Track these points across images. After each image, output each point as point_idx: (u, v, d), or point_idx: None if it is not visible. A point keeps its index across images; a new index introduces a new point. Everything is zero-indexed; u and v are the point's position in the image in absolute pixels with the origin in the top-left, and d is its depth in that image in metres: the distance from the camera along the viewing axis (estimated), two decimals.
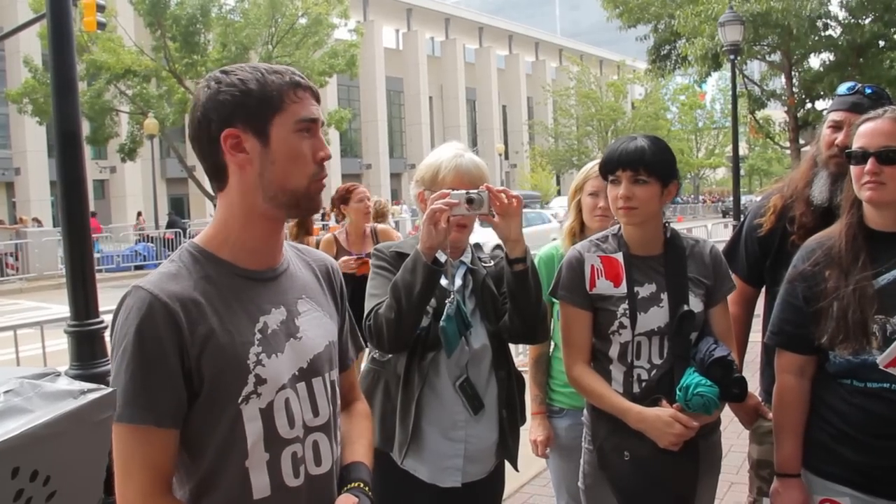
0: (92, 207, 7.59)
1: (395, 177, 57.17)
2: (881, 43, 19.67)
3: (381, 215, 7.57)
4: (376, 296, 2.58)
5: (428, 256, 2.41)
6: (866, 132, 2.32)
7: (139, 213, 30.20)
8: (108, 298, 2.04)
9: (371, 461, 1.92)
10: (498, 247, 2.71)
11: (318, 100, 1.72)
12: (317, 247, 5.26)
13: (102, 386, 1.30)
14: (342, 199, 6.18)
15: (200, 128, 1.66)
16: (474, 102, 64.40)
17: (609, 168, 2.55)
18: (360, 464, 1.87)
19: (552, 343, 3.32)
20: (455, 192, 2.43)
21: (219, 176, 1.69)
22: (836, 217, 2.54)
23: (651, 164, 2.48)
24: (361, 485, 1.80)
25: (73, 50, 4.89)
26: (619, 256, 2.58)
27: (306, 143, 1.67)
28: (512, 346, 2.98)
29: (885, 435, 2.26)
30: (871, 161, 2.26)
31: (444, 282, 2.62)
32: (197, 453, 1.63)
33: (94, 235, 5.87)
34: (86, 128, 29.68)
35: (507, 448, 2.70)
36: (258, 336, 1.66)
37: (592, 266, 2.58)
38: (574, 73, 52.74)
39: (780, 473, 2.48)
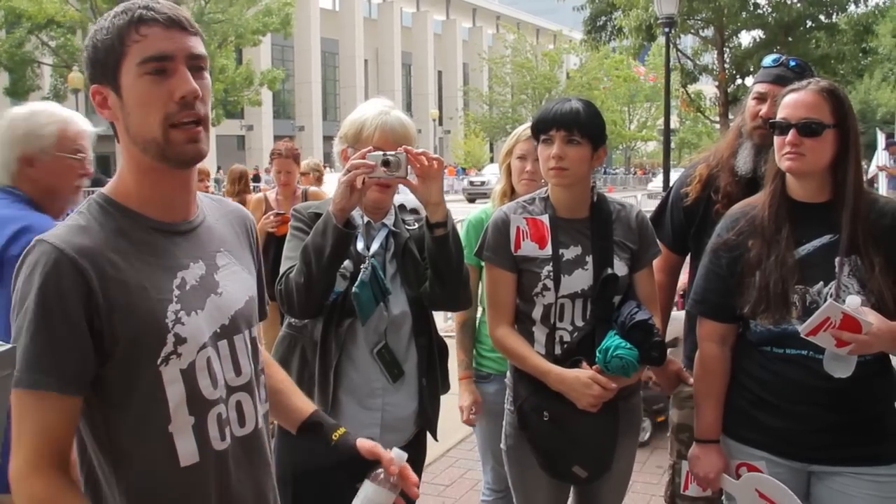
0: None
1: (328, 139, 56.18)
2: (808, 23, 20.12)
3: (318, 180, 7.43)
4: (290, 258, 2.48)
5: (339, 218, 2.31)
6: (789, 103, 2.34)
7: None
8: None
9: None
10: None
11: (183, 28, 1.52)
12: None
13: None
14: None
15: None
16: (410, 67, 63.86)
17: (542, 127, 2.53)
18: (322, 413, 1.92)
19: (480, 308, 3.31)
20: (372, 153, 2.33)
21: (112, 131, 1.60)
22: (759, 187, 2.58)
23: (584, 126, 2.48)
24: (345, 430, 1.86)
25: None
26: (545, 218, 2.57)
27: (157, 84, 1.50)
28: (439, 312, 2.94)
29: (801, 400, 2.32)
30: (792, 132, 2.29)
31: (360, 245, 2.53)
32: (114, 421, 1.52)
33: None
34: (4, 79, 28.55)
35: (426, 417, 2.64)
36: (176, 292, 1.55)
37: (518, 227, 2.57)
38: (510, 42, 52.81)
39: (699, 439, 2.52)
